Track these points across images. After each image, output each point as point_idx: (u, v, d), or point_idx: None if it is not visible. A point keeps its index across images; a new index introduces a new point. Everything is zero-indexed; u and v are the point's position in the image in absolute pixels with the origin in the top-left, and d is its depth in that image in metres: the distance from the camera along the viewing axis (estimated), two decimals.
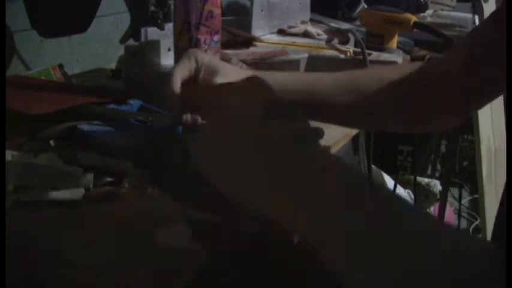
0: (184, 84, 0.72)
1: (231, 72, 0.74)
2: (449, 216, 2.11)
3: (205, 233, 0.63)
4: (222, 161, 0.48)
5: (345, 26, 1.50)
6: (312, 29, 1.41)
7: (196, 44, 0.92)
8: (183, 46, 0.93)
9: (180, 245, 0.63)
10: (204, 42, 0.92)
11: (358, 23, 1.55)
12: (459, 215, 2.37)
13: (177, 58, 0.96)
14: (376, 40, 1.36)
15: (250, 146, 0.46)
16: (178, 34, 0.93)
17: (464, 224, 2.56)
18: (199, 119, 0.76)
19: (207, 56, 0.76)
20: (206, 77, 0.73)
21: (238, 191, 0.47)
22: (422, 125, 0.83)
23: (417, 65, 0.81)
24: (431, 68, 0.80)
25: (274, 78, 0.75)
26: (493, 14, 0.74)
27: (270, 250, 0.66)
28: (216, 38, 0.94)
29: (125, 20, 1.11)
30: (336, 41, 1.33)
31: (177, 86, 0.72)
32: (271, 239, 0.66)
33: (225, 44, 1.05)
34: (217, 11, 0.94)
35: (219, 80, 0.73)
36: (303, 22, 1.48)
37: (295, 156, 0.45)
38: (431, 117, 0.80)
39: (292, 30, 1.39)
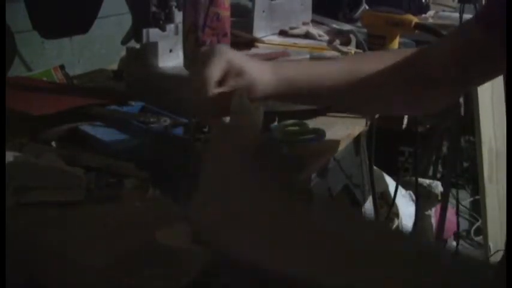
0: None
1: (257, 71, 0.73)
2: (451, 217, 2.11)
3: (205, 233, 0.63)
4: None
5: (346, 27, 1.50)
6: (314, 30, 1.40)
7: (201, 46, 0.92)
8: (190, 47, 0.93)
9: (180, 245, 0.63)
10: (210, 44, 0.92)
11: (359, 24, 1.55)
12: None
13: (186, 59, 0.95)
14: (377, 41, 1.36)
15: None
16: (186, 35, 0.93)
17: (465, 225, 2.55)
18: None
19: (235, 54, 0.72)
20: (234, 79, 0.70)
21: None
22: (419, 106, 0.88)
23: (413, 51, 0.85)
24: (424, 55, 0.84)
25: (280, 71, 0.76)
26: (476, 13, 0.79)
27: None
28: (224, 41, 0.93)
29: (126, 21, 1.11)
30: (337, 42, 1.33)
31: (211, 89, 0.68)
32: None
33: None
34: (225, 14, 0.93)
35: (246, 81, 0.71)
36: (304, 23, 1.48)
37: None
38: (426, 98, 0.85)
39: (294, 32, 1.39)
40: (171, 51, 1.00)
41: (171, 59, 1.00)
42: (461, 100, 2.03)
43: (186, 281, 0.58)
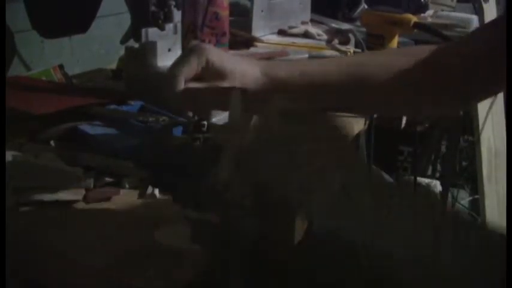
0: (187, 81, 0.70)
1: (238, 76, 0.72)
2: None
3: (205, 233, 0.63)
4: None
5: (345, 26, 1.50)
6: (312, 29, 1.41)
7: None
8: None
9: (180, 245, 0.63)
10: (208, 44, 0.93)
11: (358, 23, 1.55)
12: None
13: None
14: (376, 40, 1.36)
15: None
16: (185, 34, 0.93)
17: None
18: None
19: (217, 55, 0.72)
20: (213, 80, 0.71)
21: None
22: (426, 109, 0.88)
23: (423, 51, 0.82)
24: (436, 59, 0.82)
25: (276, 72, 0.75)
26: (495, 19, 0.78)
27: (270, 250, 0.66)
28: (223, 40, 0.94)
29: (125, 21, 1.11)
30: (336, 42, 1.33)
31: (180, 85, 0.69)
32: (271, 238, 0.67)
33: None
34: (224, 13, 0.93)
35: (226, 84, 0.71)
36: (303, 22, 1.48)
37: None
38: (434, 105, 0.84)
39: (293, 31, 1.39)
40: (170, 50, 1.00)
41: (170, 58, 1.00)
42: None
43: (186, 281, 0.59)
